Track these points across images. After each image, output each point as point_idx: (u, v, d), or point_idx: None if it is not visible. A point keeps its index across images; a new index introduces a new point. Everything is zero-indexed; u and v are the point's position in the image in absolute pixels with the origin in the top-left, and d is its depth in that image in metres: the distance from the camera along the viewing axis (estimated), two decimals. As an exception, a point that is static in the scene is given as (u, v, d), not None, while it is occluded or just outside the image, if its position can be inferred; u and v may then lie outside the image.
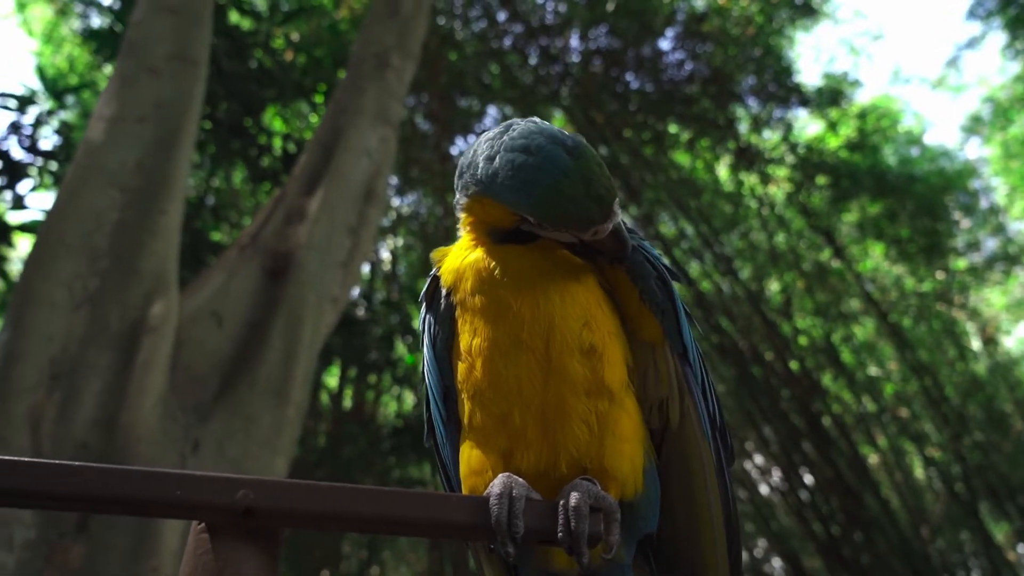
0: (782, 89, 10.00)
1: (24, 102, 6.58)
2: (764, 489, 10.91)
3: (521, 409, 0.92)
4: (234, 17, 7.85)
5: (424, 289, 1.05)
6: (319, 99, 8.49)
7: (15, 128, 6.44)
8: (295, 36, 8.78)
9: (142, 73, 4.22)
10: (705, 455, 0.98)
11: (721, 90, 10.09)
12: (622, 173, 10.17)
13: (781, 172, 10.38)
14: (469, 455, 0.96)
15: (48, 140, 6.84)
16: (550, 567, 0.97)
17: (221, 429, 3.53)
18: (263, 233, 4.47)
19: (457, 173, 1.00)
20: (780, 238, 10.38)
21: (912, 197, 9.78)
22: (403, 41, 5.98)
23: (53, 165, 6.55)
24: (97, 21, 8.45)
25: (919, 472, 10.80)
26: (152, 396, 3.26)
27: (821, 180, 9.97)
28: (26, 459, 0.77)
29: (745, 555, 12.30)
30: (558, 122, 10.84)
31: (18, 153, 6.54)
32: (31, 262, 3.47)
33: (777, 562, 11.85)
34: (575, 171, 0.89)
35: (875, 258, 10.87)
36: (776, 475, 10.49)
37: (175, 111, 4.20)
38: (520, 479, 0.89)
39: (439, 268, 1.03)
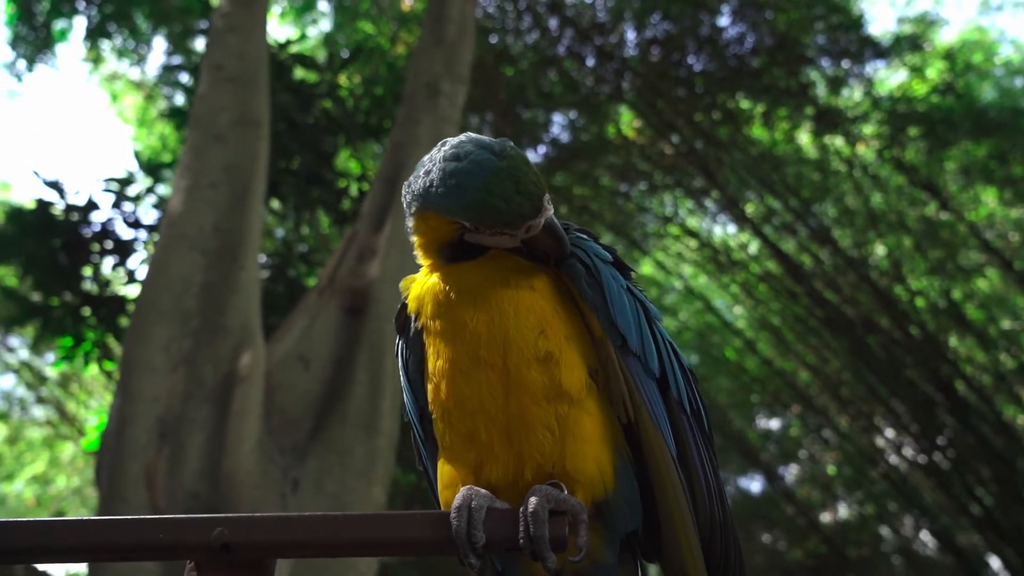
0: (855, 43, 9.46)
1: (124, 183, 7.17)
2: (902, 464, 10.24)
3: (486, 424, 0.93)
4: (298, 72, 8.27)
5: (395, 317, 1.08)
6: (386, 137, 8.80)
7: (118, 207, 7.02)
8: (357, 80, 9.14)
9: (209, 141, 4.52)
10: (662, 446, 0.96)
11: (790, 56, 9.65)
12: (698, 158, 9.92)
13: (868, 130, 9.79)
14: (443, 471, 0.98)
15: (149, 215, 7.42)
16: (535, 574, 0.96)
17: (318, 466, 3.68)
18: (339, 273, 4.66)
19: (403, 197, 1.02)
20: (877, 199, 9.78)
21: (1021, 131, 8.97)
22: (451, 67, 6.10)
23: (155, 241, 7.10)
24: (180, 99, 9.13)
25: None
26: (249, 442, 3.45)
27: (913, 131, 9.32)
28: (41, 519, 0.84)
29: (890, 533, 11.60)
30: (625, 117, 10.71)
31: (124, 231, 7.12)
32: (131, 331, 3.76)
33: (927, 538, 11.05)
34: (502, 170, 0.91)
35: (989, 204, 10.04)
36: (911, 448, 9.83)
37: (243, 171, 4.47)
38: (482, 490, 0.89)
39: (406, 296, 1.06)
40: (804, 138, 10.36)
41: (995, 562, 9.93)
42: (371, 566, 3.62)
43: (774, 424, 12.72)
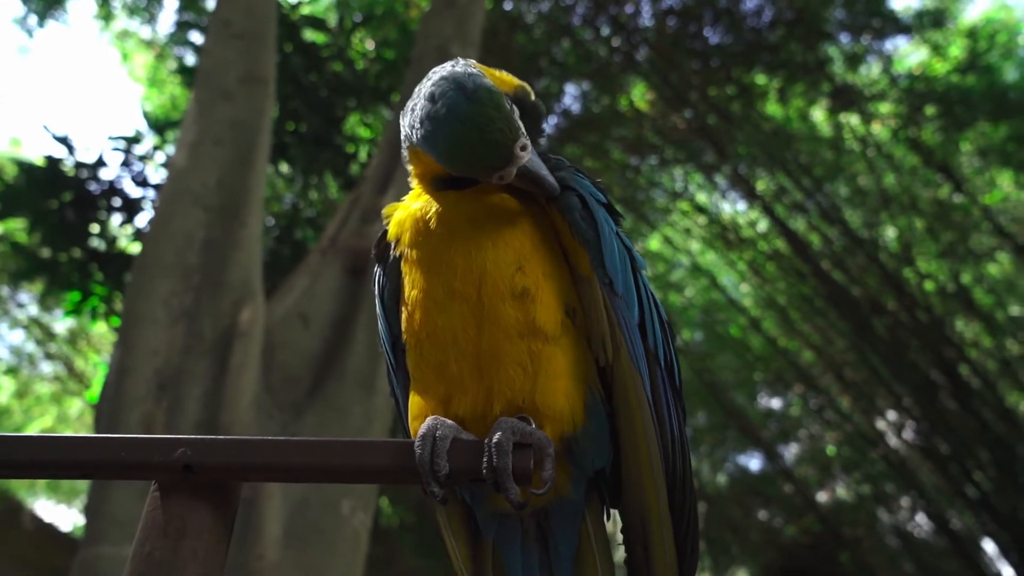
0: (876, 19, 9.27)
1: (132, 142, 7.17)
2: (901, 447, 10.25)
3: (457, 357, 0.93)
4: (308, 34, 8.19)
5: (375, 244, 1.07)
6: (396, 100, 8.73)
7: (126, 166, 7.03)
8: (369, 43, 9.05)
9: (215, 98, 4.49)
10: (639, 390, 0.95)
11: (808, 30, 9.48)
12: (710, 133, 9.80)
13: (884, 108, 9.64)
14: (413, 401, 0.98)
15: (157, 174, 7.43)
16: (501, 506, 0.97)
17: (316, 423, 3.71)
18: (342, 234, 4.66)
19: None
20: (890, 179, 9.66)
21: (1041, 114, 8.81)
22: (462, 30, 6.03)
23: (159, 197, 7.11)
24: (191, 59, 9.08)
25: (1082, 415, 9.78)
26: (247, 396, 3.48)
27: (930, 111, 9.17)
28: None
29: (885, 513, 11.65)
30: (638, 89, 10.58)
31: (132, 189, 7.14)
32: (133, 284, 3.78)
33: (923, 519, 11.10)
34: (469, 117, 0.89)
35: (1004, 187, 9.90)
36: (912, 431, 9.83)
37: (249, 129, 4.45)
38: (448, 421, 0.89)
39: (387, 222, 1.05)
40: (819, 115, 10.22)
41: (989, 546, 9.97)
42: (364, 523, 3.67)
43: (776, 403, 12.74)
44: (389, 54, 8.36)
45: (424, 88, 0.94)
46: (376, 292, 1.07)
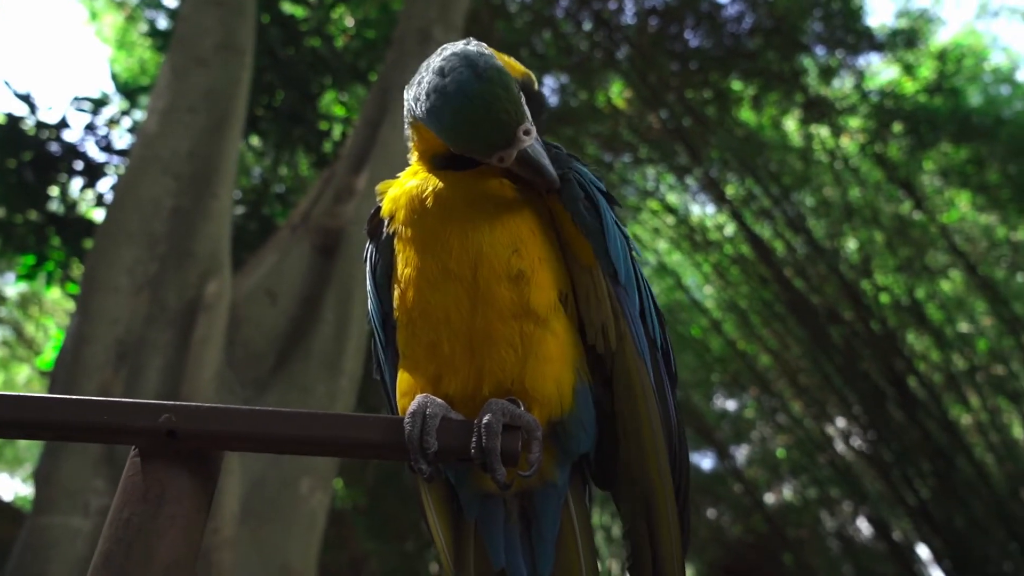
0: (852, 34, 9.46)
1: (98, 104, 6.96)
2: (848, 453, 10.54)
3: (449, 336, 0.93)
4: (287, 6, 8.04)
5: (368, 220, 1.07)
6: (374, 80, 8.62)
7: (91, 129, 6.82)
8: (349, 20, 8.92)
9: (191, 64, 4.39)
10: (643, 376, 0.97)
11: (786, 40, 9.63)
12: (684, 135, 9.90)
13: (854, 123, 9.85)
14: (402, 379, 0.98)
15: (123, 139, 7.22)
16: (485, 487, 0.98)
17: (278, 401, 3.68)
18: (313, 212, 4.60)
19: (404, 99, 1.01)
20: (855, 192, 9.89)
21: (1001, 140, 9.09)
22: (446, 14, 5.98)
23: (127, 163, 6.92)
24: (163, 23, 8.83)
25: (1018, 432, 10.16)
26: (209, 370, 3.43)
27: (897, 128, 9.40)
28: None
29: (828, 517, 11.98)
30: (616, 87, 10.63)
31: (95, 154, 6.93)
32: (96, 250, 3.69)
33: (863, 524, 11.45)
34: (477, 95, 0.89)
35: (961, 208, 10.21)
36: (859, 438, 10.11)
37: (223, 99, 4.36)
38: (438, 399, 0.89)
39: (381, 199, 1.05)
40: (791, 125, 10.40)
41: (924, 551, 10.33)
42: (323, 503, 3.65)
43: (731, 404, 12.98)
44: (370, 34, 8.25)
45: (433, 62, 0.94)
46: (368, 268, 1.07)
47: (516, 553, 0.97)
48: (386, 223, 1.02)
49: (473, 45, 0.95)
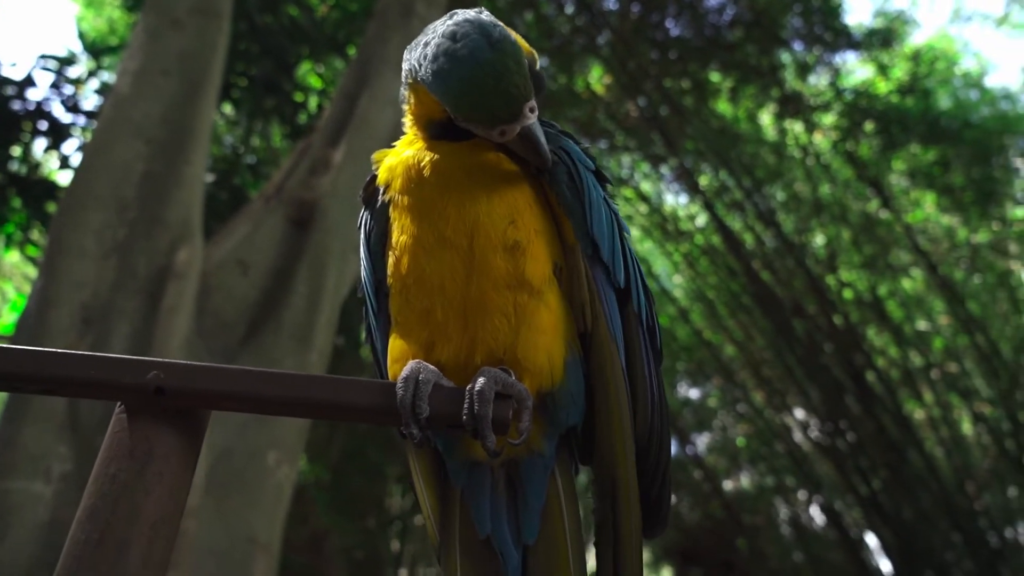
0: (830, 32, 9.57)
1: (64, 63, 6.75)
2: (805, 443, 10.80)
3: (443, 304, 0.94)
4: (266, -28, 7.86)
5: (363, 187, 1.07)
6: (352, 52, 8.49)
7: (56, 88, 6.62)
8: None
9: (165, 26, 4.28)
10: (615, 360, 0.98)
11: (765, 35, 9.71)
12: (660, 124, 9.95)
13: (827, 120, 10.00)
14: (394, 345, 0.98)
15: (90, 100, 7.02)
16: (473, 455, 0.99)
17: (246, 372, 3.64)
18: (288, 183, 4.54)
19: (402, 62, 1.00)
20: (825, 189, 10.06)
21: (967, 143, 9.32)
22: (429, -11, 5.90)
23: (95, 125, 6.73)
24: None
25: (967, 428, 10.51)
26: (178, 338, 3.38)
27: (869, 127, 9.56)
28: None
29: (783, 504, 12.28)
30: (595, 72, 10.63)
31: (61, 114, 6.73)
32: (62, 213, 3.60)
33: (816, 512, 11.77)
34: (489, 63, 0.88)
35: (926, 208, 10.45)
36: (816, 429, 10.36)
37: (199, 63, 4.26)
38: (430, 366, 0.90)
39: (377, 166, 1.04)
40: (766, 119, 10.51)
41: (871, 539, 10.67)
42: (289, 476, 3.64)
43: (694, 393, 13.19)
44: (353, 7, 8.11)
45: (442, 27, 0.93)
46: (362, 235, 1.07)
47: (502, 521, 0.99)
48: (382, 191, 1.02)
49: (485, 15, 0.94)
